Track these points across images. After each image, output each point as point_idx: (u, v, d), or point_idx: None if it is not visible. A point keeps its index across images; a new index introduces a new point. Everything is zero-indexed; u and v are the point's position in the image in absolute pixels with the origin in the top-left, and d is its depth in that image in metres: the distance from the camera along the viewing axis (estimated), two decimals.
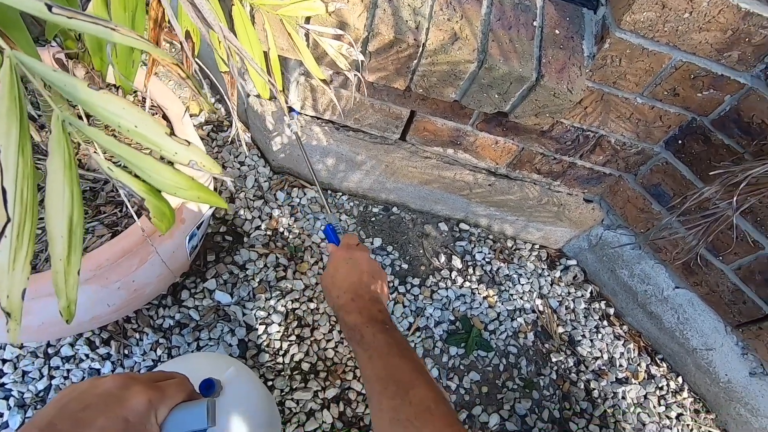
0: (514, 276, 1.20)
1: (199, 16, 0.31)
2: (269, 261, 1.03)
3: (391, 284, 1.09)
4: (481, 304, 1.12)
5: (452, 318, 1.09)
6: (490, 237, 1.26)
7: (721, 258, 0.96)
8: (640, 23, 0.75)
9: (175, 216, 0.40)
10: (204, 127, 1.21)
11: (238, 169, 1.15)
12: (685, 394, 1.13)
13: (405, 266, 1.14)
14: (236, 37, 0.47)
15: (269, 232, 1.08)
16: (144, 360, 0.86)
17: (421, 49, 0.77)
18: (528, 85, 0.80)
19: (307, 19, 0.72)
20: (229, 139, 1.16)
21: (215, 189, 1.09)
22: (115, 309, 0.71)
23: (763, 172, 0.70)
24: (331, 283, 0.65)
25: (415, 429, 0.44)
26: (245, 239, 1.05)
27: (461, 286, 1.14)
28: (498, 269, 1.20)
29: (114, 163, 0.38)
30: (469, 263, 1.19)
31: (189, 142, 0.35)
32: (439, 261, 1.18)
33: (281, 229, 1.09)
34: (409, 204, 1.24)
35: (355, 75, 0.61)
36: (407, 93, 0.95)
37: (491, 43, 0.79)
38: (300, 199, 1.16)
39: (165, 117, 0.83)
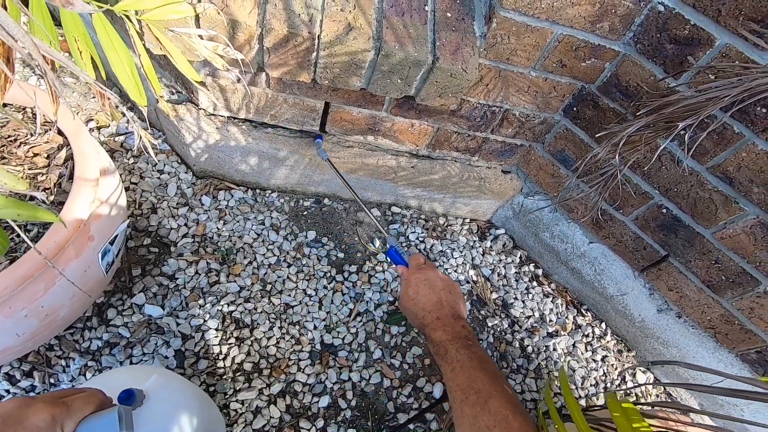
0: (448, 251, 1.26)
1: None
2: (200, 267, 1.02)
3: (328, 274, 1.12)
4: None
5: (391, 299, 1.12)
6: (422, 217, 1.31)
7: (621, 211, 1.06)
8: (521, 2, 0.80)
9: (7, 240, 0.39)
10: (116, 138, 1.16)
11: (158, 177, 1.12)
12: (608, 337, 1.24)
13: (341, 255, 1.16)
14: (102, 45, 0.46)
15: (197, 239, 1.06)
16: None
17: (317, 41, 0.78)
18: (426, 68, 0.83)
19: (197, 22, 0.71)
20: (135, 150, 1.11)
21: (134, 201, 1.06)
22: (27, 338, 0.68)
23: (636, 130, 0.78)
24: (413, 305, 0.68)
25: None
26: (172, 249, 1.03)
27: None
28: (432, 246, 1.25)
29: None
30: (404, 244, 1.23)
31: None
32: (374, 246, 1.20)
33: (210, 234, 1.08)
34: (340, 194, 1.25)
35: (236, 74, 0.61)
36: (317, 85, 0.95)
37: (386, 30, 0.81)
38: (227, 201, 1.15)
39: (60, 132, 0.80)
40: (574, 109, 1.01)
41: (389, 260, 0.79)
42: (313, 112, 1.03)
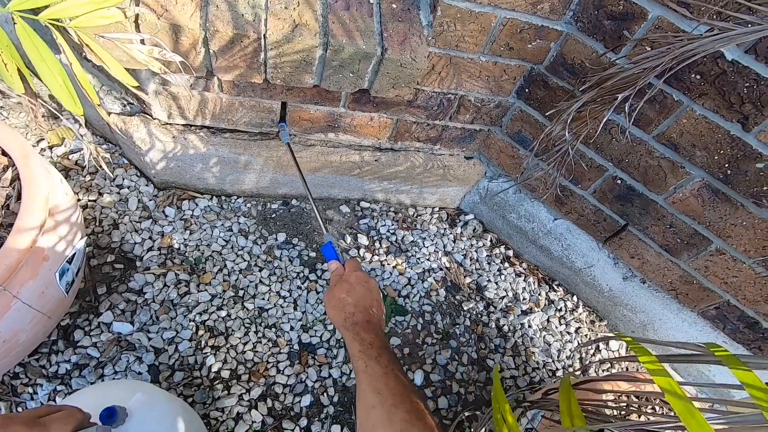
0: (419, 241, 1.27)
1: None
2: (168, 279, 1.00)
3: (301, 273, 1.11)
4: (391, 274, 1.18)
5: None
6: (392, 209, 1.32)
7: (580, 186, 1.09)
8: None
9: None
10: (70, 156, 1.12)
11: (118, 193, 1.09)
12: (580, 309, 1.28)
13: (313, 254, 1.16)
14: (29, 56, 0.45)
15: (164, 251, 1.04)
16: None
17: (264, 41, 0.78)
18: (376, 61, 0.84)
19: (138, 28, 0.70)
20: (86, 164, 1.08)
21: (94, 218, 1.03)
22: None
23: (582, 105, 0.81)
24: (343, 299, 0.67)
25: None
26: (138, 263, 1.01)
27: (370, 261, 1.19)
28: (403, 237, 1.26)
29: None
30: (375, 238, 1.24)
31: None
32: (345, 242, 1.21)
33: (177, 245, 1.06)
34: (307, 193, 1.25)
35: (178, 78, 0.60)
36: (270, 86, 0.95)
37: (333, 25, 0.81)
38: (192, 210, 1.13)
39: (5, 153, 0.77)
40: (526, 90, 1.04)
41: (324, 255, 0.79)
42: (271, 113, 1.03)
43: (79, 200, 1.04)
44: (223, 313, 0.99)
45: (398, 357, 1.05)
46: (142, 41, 0.70)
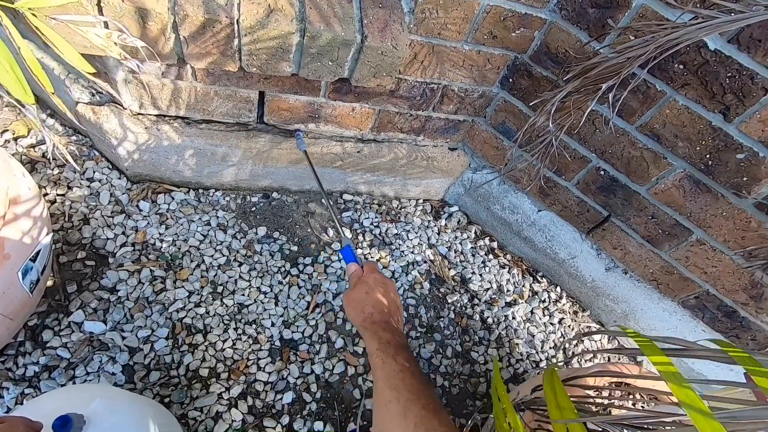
0: (403, 233, 1.25)
1: None
2: (143, 276, 0.96)
3: (283, 268, 1.09)
4: None
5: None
6: (375, 202, 1.30)
7: (563, 177, 1.09)
8: None
9: None
10: (37, 148, 1.07)
11: (88, 186, 1.05)
12: (564, 300, 1.28)
13: (295, 248, 1.13)
14: None
15: (138, 247, 1.00)
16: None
17: (237, 26, 0.74)
18: (355, 48, 0.81)
19: (100, 9, 0.66)
20: (49, 156, 1.04)
21: (63, 213, 0.99)
22: None
23: (566, 95, 0.79)
24: (362, 300, 0.69)
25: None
26: (110, 260, 0.97)
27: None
28: (387, 230, 1.25)
29: None
30: (358, 231, 1.22)
31: None
32: (328, 235, 1.19)
33: (152, 241, 1.02)
34: (288, 186, 1.22)
35: (136, 64, 0.57)
36: (247, 74, 0.91)
37: (309, 10, 0.78)
38: (168, 204, 1.09)
39: None
40: (510, 80, 1.02)
41: (342, 257, 0.81)
42: (249, 103, 0.99)
43: (46, 194, 1.00)
44: (202, 310, 0.97)
45: None
46: (106, 25, 0.66)
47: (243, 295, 1.01)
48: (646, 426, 0.51)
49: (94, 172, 1.06)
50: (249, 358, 0.94)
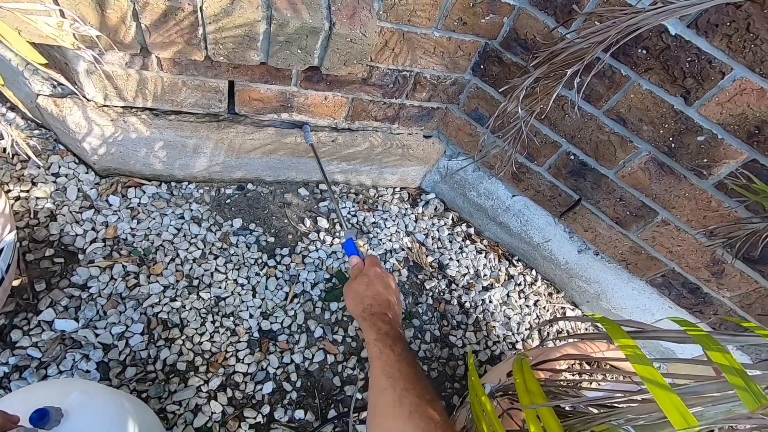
0: (380, 222, 1.26)
1: None
2: (115, 272, 0.95)
3: (260, 260, 1.08)
4: None
5: (327, 276, 1.12)
6: (352, 191, 1.30)
7: (535, 162, 1.10)
8: None
9: None
10: None
11: (54, 182, 1.02)
12: (539, 283, 1.32)
13: (272, 239, 1.13)
14: None
15: (109, 242, 0.98)
16: None
17: (200, 14, 0.72)
18: (324, 36, 0.80)
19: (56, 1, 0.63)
20: (8, 152, 1.00)
21: (28, 210, 0.96)
22: None
23: (534, 81, 0.80)
24: (363, 292, 0.71)
25: (432, 423, 0.53)
26: (80, 256, 0.95)
27: (331, 245, 1.17)
28: (364, 219, 1.25)
29: None
30: (335, 220, 1.22)
31: None
32: (305, 226, 1.18)
33: (123, 236, 1.00)
34: (263, 177, 1.21)
35: (91, 54, 0.55)
36: (215, 64, 0.90)
37: None
38: (139, 198, 1.07)
39: None
40: (482, 66, 1.03)
41: (344, 251, 0.85)
42: (218, 93, 0.97)
43: (8, 191, 0.96)
44: (177, 304, 0.96)
45: (360, 338, 1.05)
46: (62, 14, 0.64)
47: (220, 287, 1.01)
48: (614, 405, 0.53)
49: (59, 167, 1.03)
50: (227, 350, 0.94)
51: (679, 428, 0.31)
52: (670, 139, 0.88)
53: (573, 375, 0.81)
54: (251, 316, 1.00)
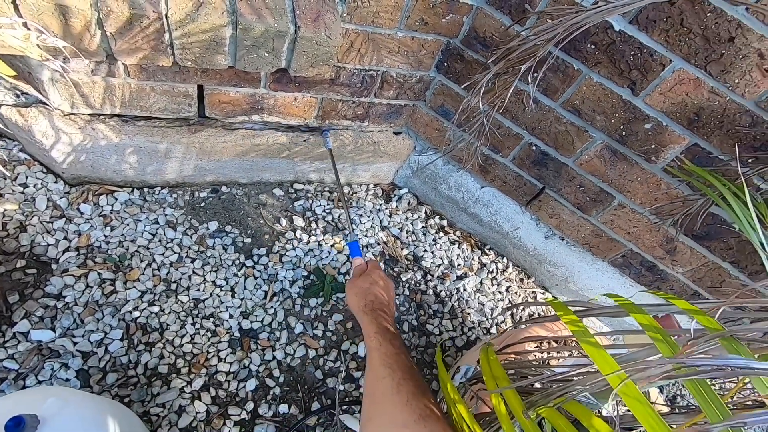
0: (356, 218, 1.29)
1: None
2: (91, 280, 0.95)
3: (237, 261, 1.10)
4: (329, 253, 1.19)
5: (305, 273, 1.14)
6: (326, 189, 1.32)
7: (500, 154, 1.16)
8: None
9: None
10: None
11: (22, 192, 1.00)
12: (510, 270, 1.38)
13: (248, 240, 1.14)
14: None
15: (83, 251, 0.98)
16: None
17: (165, 21, 0.74)
18: (290, 39, 0.83)
19: (16, 8, 0.63)
20: None
21: None
22: None
23: (493, 76, 0.85)
24: (365, 289, 0.77)
25: (427, 409, 0.57)
26: (54, 266, 0.94)
27: (308, 242, 1.19)
28: (339, 216, 1.28)
29: None
30: (311, 219, 1.24)
31: None
32: (281, 225, 1.20)
33: (97, 243, 1.00)
34: (237, 179, 1.22)
35: (59, 64, 0.56)
36: (182, 69, 0.91)
37: (240, 2, 0.78)
38: (111, 205, 1.07)
39: None
40: (445, 64, 1.07)
41: (349, 251, 0.94)
42: (187, 98, 0.98)
43: None
44: (156, 309, 0.96)
45: (341, 332, 1.08)
46: (26, 25, 0.64)
47: (198, 290, 1.02)
48: (570, 378, 0.58)
49: (27, 177, 1.02)
50: (209, 351, 0.96)
51: (606, 374, 0.35)
52: (621, 127, 0.94)
53: (542, 353, 0.86)
54: (231, 316, 1.02)
